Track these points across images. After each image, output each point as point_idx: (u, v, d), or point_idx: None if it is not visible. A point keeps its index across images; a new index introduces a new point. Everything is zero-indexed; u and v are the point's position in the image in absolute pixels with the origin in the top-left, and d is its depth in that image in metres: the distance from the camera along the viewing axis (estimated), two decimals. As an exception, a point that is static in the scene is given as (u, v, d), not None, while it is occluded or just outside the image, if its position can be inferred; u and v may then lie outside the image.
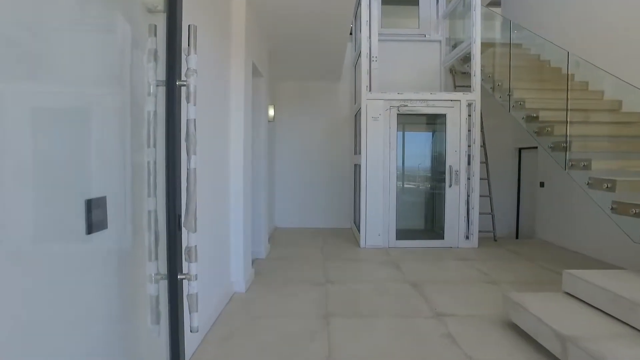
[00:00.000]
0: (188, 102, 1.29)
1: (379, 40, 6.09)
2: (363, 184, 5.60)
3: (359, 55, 6.01)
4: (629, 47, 4.67)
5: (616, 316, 2.57)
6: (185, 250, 1.31)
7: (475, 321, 3.13)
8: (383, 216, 5.56)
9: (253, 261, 4.87)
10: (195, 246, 1.31)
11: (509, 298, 3.03)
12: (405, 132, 6.73)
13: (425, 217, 6.69)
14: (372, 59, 5.81)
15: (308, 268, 4.64)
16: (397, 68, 6.87)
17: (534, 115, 4.54)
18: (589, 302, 2.82)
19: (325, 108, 7.51)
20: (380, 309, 3.40)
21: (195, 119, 1.31)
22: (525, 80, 5.52)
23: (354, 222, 6.68)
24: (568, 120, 4.12)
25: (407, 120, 6.67)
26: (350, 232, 6.90)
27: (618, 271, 3.14)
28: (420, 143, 6.98)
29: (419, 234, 6.24)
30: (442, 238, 5.66)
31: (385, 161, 5.58)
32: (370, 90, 5.69)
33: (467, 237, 5.63)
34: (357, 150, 6.35)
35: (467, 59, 6.17)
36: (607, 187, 3.38)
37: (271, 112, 6.48)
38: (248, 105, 4.04)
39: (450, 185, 5.60)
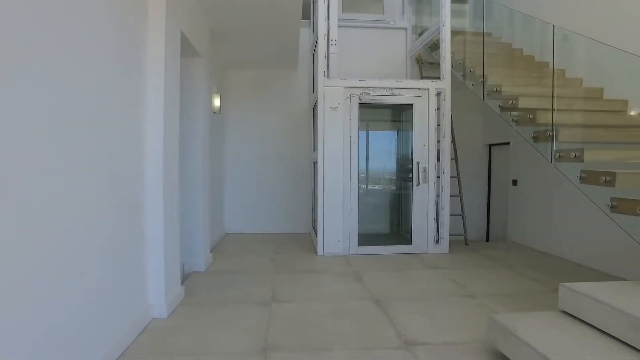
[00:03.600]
0: None
1: (340, 26, 5.42)
2: (321, 184, 4.88)
3: (317, 39, 5.32)
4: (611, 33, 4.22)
5: (638, 347, 1.96)
6: None
7: (455, 352, 2.46)
8: (343, 220, 4.86)
9: (187, 276, 4.06)
10: None
11: (496, 322, 2.38)
12: (370, 130, 6.10)
13: (391, 220, 6.05)
14: (330, 42, 5.12)
15: (254, 283, 3.87)
16: (360, 57, 6.22)
17: (513, 102, 3.99)
18: (598, 327, 2.20)
19: (281, 100, 6.76)
20: (335, 337, 2.68)
21: None
22: (498, 66, 5.00)
23: (313, 227, 5.96)
24: (554, 106, 3.58)
25: (371, 116, 6.04)
26: (309, 238, 6.17)
27: (625, 283, 2.57)
28: (385, 140, 6.39)
29: (384, 239, 5.59)
30: (410, 243, 5.02)
31: (345, 157, 4.88)
32: (328, 77, 5.00)
33: (437, 242, 5.02)
34: (315, 146, 5.65)
35: (435, 46, 5.61)
36: (605, 180, 2.83)
37: (217, 102, 5.67)
38: (173, 89, 3.23)
39: (418, 184, 4.98)
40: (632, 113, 3.90)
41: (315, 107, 5.52)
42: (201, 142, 4.30)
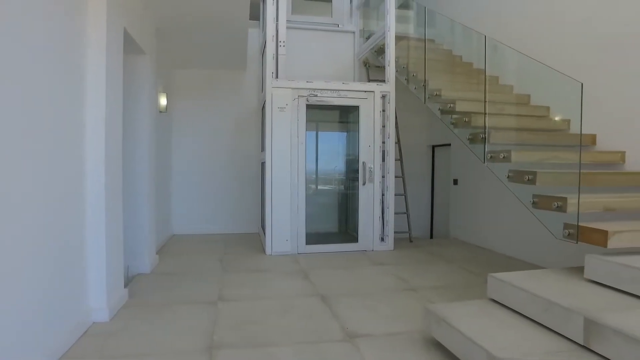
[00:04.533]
0: None
1: (289, 27, 5.48)
2: (269, 184, 4.91)
3: (266, 40, 5.34)
4: (539, 42, 4.59)
5: (551, 327, 2.19)
6: None
7: (394, 341, 2.60)
8: (291, 219, 4.93)
9: (131, 278, 3.96)
10: None
11: (430, 311, 2.54)
12: (320, 131, 6.21)
13: (339, 219, 6.19)
14: (279, 43, 5.17)
15: (200, 283, 3.84)
16: (308, 59, 6.32)
17: (451, 105, 4.24)
18: (519, 311, 2.42)
19: (230, 100, 6.72)
20: (281, 333, 2.74)
21: None
22: (439, 71, 5.27)
23: (262, 227, 5.97)
24: (486, 110, 3.84)
25: (321, 117, 6.16)
26: (258, 238, 6.18)
27: (542, 271, 2.83)
28: (335, 141, 6.51)
29: (331, 238, 5.72)
30: (357, 241, 5.17)
31: (293, 157, 4.95)
32: (276, 78, 5.04)
33: (383, 239, 5.21)
34: (263, 146, 5.67)
35: (381, 50, 5.81)
36: (528, 179, 3.09)
37: (163, 101, 5.55)
38: (116, 87, 3.15)
39: (364, 184, 5.15)
40: (557, 118, 4.27)
41: (263, 107, 5.55)
42: (146, 141, 4.20)
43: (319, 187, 6.24)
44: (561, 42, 4.31)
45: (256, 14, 6.56)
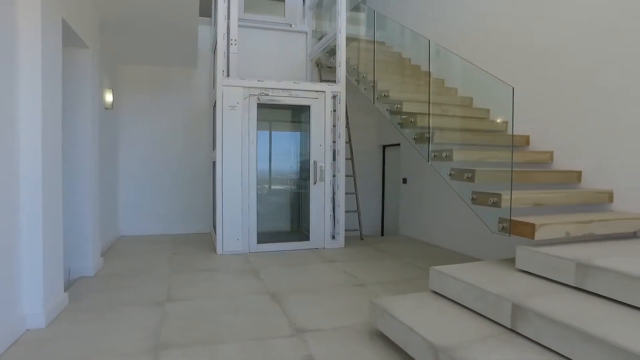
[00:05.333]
0: None
1: (241, 26, 5.45)
2: (220, 183, 4.86)
3: (217, 37, 5.27)
4: (480, 49, 4.85)
5: (484, 314, 2.34)
6: None
7: (341, 335, 2.67)
8: (242, 218, 4.90)
9: (73, 282, 3.79)
10: None
11: (376, 304, 2.64)
12: (273, 131, 6.21)
13: (291, 218, 6.22)
14: (230, 41, 5.13)
15: (147, 284, 3.74)
16: (261, 58, 6.31)
17: (398, 106, 4.39)
18: (456, 301, 2.56)
19: (181, 97, 6.56)
20: (230, 331, 2.73)
21: None
22: (388, 73, 5.43)
23: (213, 226, 5.89)
24: (430, 111, 4.01)
25: (274, 116, 6.17)
26: (209, 238, 6.08)
27: (479, 263, 3.00)
28: (288, 141, 6.52)
29: (283, 236, 5.73)
30: (308, 239, 5.23)
31: (244, 156, 4.92)
32: (228, 76, 5.00)
33: (334, 237, 5.30)
34: (214, 145, 5.59)
35: (333, 51, 5.90)
36: (468, 177, 3.27)
37: (109, 97, 5.33)
38: (53, 81, 3.01)
39: (315, 182, 5.21)
40: (499, 120, 4.53)
41: (215, 106, 5.48)
42: (89, 138, 4.03)
43: (273, 187, 6.24)
44: (499, 50, 4.58)
45: (208, 10, 6.46)
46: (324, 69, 6.57)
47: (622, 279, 2.07)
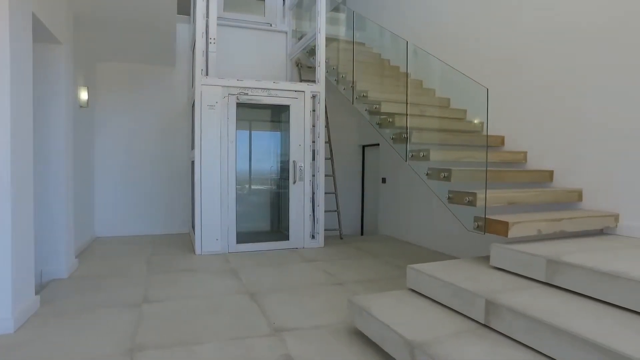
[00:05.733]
0: None
1: (220, 24, 5.41)
2: (198, 182, 4.81)
3: (196, 36, 5.23)
4: (458, 51, 4.94)
5: (459, 310, 2.39)
6: None
7: (320, 334, 2.68)
8: (222, 218, 4.86)
9: (45, 284, 3.69)
10: None
11: (354, 303, 2.66)
12: (253, 131, 6.19)
13: (270, 218, 6.21)
14: (209, 40, 5.08)
15: (124, 286, 3.67)
16: (240, 57, 6.28)
17: (376, 106, 4.43)
18: (433, 298, 2.61)
19: (159, 96, 6.46)
20: (208, 331, 2.71)
21: None
22: (368, 73, 5.47)
23: (192, 226, 5.83)
24: (408, 112, 4.07)
25: (254, 116, 6.15)
26: (188, 238, 6.01)
27: (455, 261, 3.06)
28: (268, 141, 6.51)
29: (263, 236, 5.72)
30: (288, 239, 5.22)
31: (223, 156, 4.89)
32: (206, 75, 4.95)
33: (313, 237, 5.32)
34: (193, 145, 5.53)
35: (313, 51, 5.92)
36: (444, 176, 3.33)
37: (84, 95, 5.22)
38: (23, 78, 2.92)
39: (294, 182, 5.21)
40: (476, 121, 4.62)
41: (193, 105, 5.42)
42: (63, 137, 3.92)
43: (253, 187, 6.22)
44: (474, 53, 4.68)
45: (187, 8, 6.38)
46: (303, 68, 6.58)
47: (589, 274, 2.14)
